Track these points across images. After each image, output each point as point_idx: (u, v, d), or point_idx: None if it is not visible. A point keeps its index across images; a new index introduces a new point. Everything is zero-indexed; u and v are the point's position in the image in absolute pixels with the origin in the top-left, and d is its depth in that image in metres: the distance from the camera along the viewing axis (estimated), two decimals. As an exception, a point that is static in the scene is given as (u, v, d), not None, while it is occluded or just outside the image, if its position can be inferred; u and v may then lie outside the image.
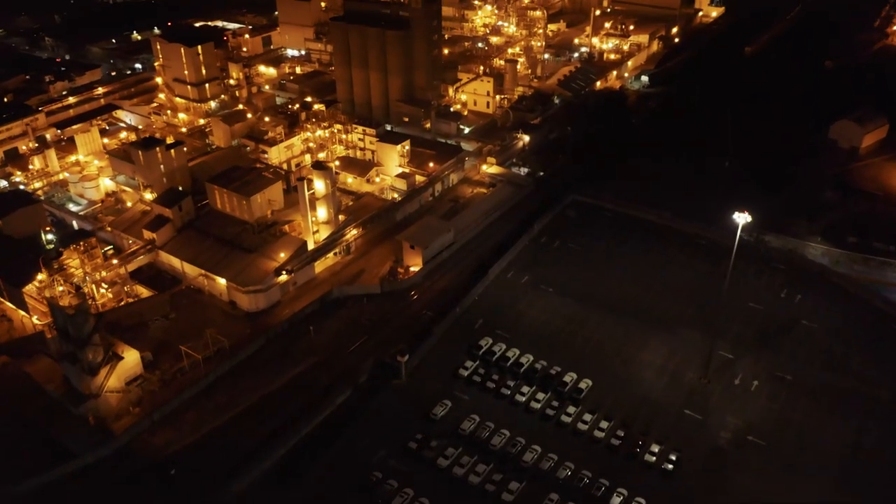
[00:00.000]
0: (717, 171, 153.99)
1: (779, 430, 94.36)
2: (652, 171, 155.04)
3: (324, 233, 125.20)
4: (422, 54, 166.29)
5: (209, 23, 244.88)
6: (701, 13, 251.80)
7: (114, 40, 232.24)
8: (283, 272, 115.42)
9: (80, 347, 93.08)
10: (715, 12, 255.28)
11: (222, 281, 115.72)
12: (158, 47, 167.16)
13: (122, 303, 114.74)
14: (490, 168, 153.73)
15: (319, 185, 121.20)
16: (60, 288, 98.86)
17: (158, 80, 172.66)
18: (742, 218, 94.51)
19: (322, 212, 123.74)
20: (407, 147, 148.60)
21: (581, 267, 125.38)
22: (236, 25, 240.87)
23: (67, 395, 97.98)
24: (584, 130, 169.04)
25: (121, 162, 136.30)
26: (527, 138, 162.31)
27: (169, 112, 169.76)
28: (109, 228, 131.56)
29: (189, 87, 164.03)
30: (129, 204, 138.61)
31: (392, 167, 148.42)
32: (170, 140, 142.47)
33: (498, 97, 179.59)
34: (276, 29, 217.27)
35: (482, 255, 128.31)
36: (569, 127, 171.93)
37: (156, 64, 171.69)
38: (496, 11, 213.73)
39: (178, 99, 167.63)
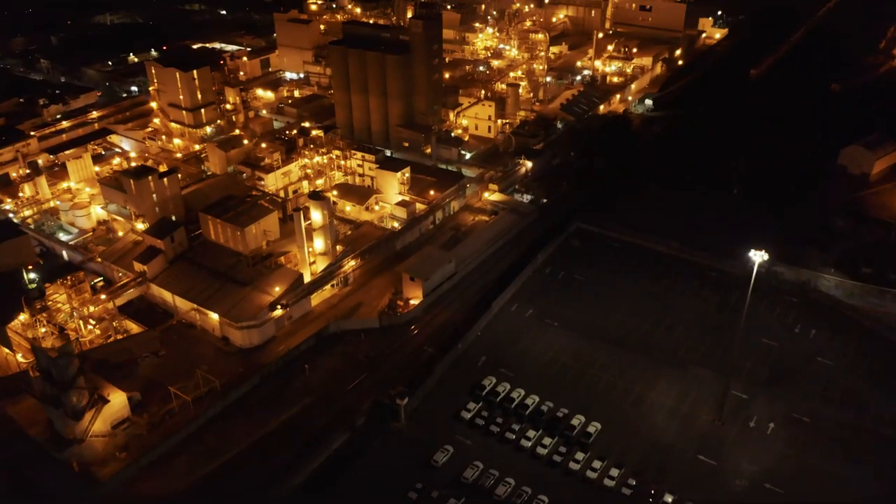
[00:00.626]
0: (725, 198, 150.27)
1: (797, 477, 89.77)
2: (658, 197, 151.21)
3: (321, 264, 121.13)
4: (422, 79, 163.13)
5: (207, 45, 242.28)
6: (704, 34, 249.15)
7: (110, 62, 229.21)
8: (278, 307, 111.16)
9: (63, 391, 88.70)
10: (718, 34, 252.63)
11: (215, 316, 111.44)
12: (153, 71, 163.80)
13: (111, 339, 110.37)
14: (492, 195, 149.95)
15: (316, 216, 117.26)
16: (43, 329, 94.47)
17: (153, 104, 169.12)
18: (758, 256, 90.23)
19: (319, 243, 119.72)
20: (407, 174, 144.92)
21: (587, 299, 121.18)
22: (234, 48, 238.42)
23: (51, 440, 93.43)
24: (587, 156, 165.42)
25: (112, 190, 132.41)
26: (529, 164, 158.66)
27: (164, 137, 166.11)
28: (100, 259, 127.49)
29: (184, 112, 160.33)
30: (120, 233, 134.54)
31: (392, 194, 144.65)
32: (163, 168, 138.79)
33: (500, 121, 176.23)
34: (275, 52, 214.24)
35: (485, 287, 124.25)
36: (572, 152, 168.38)
37: (150, 88, 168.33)
38: (497, 34, 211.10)
39: (173, 124, 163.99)
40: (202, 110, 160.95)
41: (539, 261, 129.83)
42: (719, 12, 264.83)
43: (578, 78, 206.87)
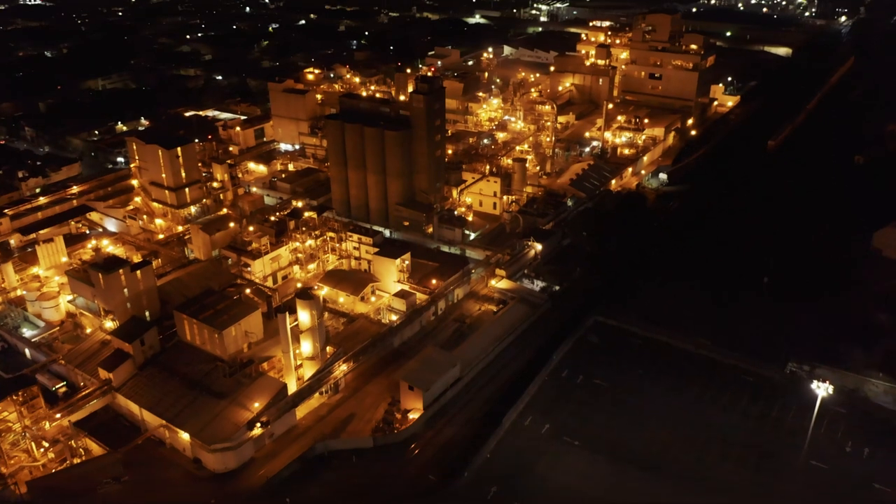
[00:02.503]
0: (754, 286, 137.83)
1: None
2: (679, 284, 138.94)
3: (308, 369, 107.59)
4: (423, 155, 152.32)
5: (200, 113, 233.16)
6: (716, 102, 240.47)
7: (96, 132, 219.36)
8: (258, 425, 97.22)
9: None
10: (730, 101, 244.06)
11: (186, 435, 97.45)
12: (135, 147, 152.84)
13: (67, 463, 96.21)
14: (499, 282, 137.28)
15: (304, 317, 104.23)
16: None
17: (134, 182, 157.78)
18: (822, 389, 76.94)
19: (307, 346, 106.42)
20: (407, 261, 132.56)
21: (610, 410, 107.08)
22: (228, 116, 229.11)
23: None
24: (601, 237, 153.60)
25: (80, 283, 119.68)
26: (539, 247, 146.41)
27: (145, 217, 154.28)
28: (63, 362, 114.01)
29: (167, 191, 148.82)
30: (88, 330, 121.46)
31: (390, 283, 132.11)
32: (136, 258, 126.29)
33: (506, 198, 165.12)
34: (270, 122, 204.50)
35: (494, 394, 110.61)
36: (584, 232, 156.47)
37: (132, 165, 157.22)
38: (502, 105, 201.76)
39: (154, 203, 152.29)
40: (186, 189, 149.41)
41: (554, 362, 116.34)
42: (729, 78, 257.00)
43: (587, 149, 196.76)
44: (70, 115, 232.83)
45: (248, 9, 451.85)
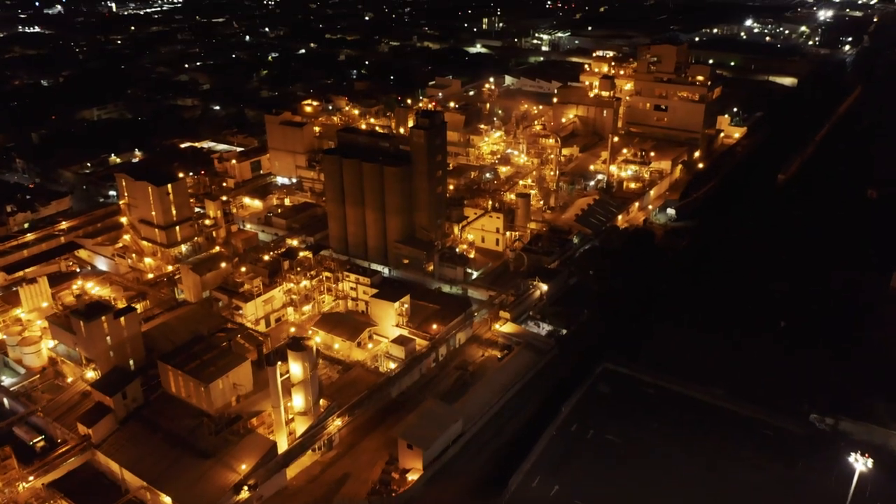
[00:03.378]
0: (771, 332, 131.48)
1: None
2: (692, 327, 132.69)
3: (300, 425, 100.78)
4: (424, 192, 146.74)
5: (196, 144, 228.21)
6: (722, 134, 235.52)
7: (89, 164, 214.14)
8: (245, 488, 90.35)
9: None
10: (737, 133, 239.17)
11: (168, 499, 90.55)
12: (124, 184, 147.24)
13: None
14: (503, 325, 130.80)
15: (296, 369, 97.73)
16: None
17: (123, 219, 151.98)
18: (860, 463, 70.38)
19: (298, 400, 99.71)
20: (406, 305, 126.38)
21: (624, 469, 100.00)
22: (225, 147, 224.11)
23: None
24: (609, 276, 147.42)
25: (60, 330, 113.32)
26: (545, 287, 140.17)
27: (134, 255, 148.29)
28: (41, 414, 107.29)
29: (157, 230, 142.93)
30: (69, 379, 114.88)
31: (388, 327, 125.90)
32: (121, 304, 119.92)
33: (508, 234, 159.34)
34: (266, 154, 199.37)
35: (499, 451, 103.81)
36: (591, 271, 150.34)
37: (121, 202, 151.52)
38: (504, 137, 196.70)
39: (144, 242, 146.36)
40: (176, 228, 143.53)
41: (563, 414, 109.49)
42: (735, 109, 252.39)
43: (592, 183, 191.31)
44: (63, 146, 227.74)
45: (248, 38, 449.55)
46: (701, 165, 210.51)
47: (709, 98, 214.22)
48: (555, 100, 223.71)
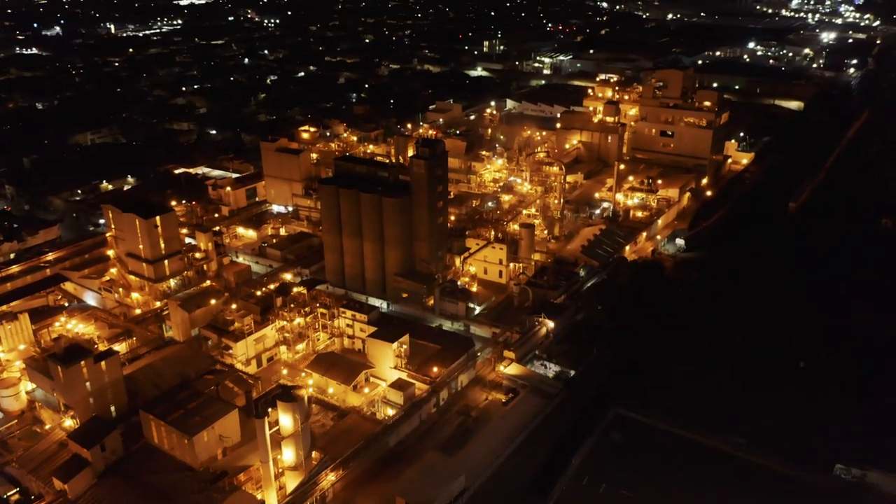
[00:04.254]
0: (790, 372, 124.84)
1: None
2: (705, 367, 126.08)
3: (291, 480, 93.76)
4: (424, 223, 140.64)
5: (190, 170, 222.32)
6: (730, 160, 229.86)
7: (80, 191, 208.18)
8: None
9: None
10: (745, 158, 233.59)
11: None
12: (111, 215, 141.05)
13: None
14: (508, 368, 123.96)
15: (286, 422, 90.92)
16: None
17: (110, 252, 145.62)
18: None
19: (289, 454, 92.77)
20: (405, 345, 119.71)
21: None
22: (220, 173, 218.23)
23: None
24: (618, 311, 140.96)
25: (38, 374, 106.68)
26: (551, 324, 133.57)
27: (121, 290, 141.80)
28: (16, 465, 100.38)
29: (144, 264, 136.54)
30: (47, 426, 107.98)
31: (385, 368, 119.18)
32: (102, 347, 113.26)
33: (512, 265, 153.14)
34: (262, 181, 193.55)
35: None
36: (599, 306, 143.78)
37: (107, 235, 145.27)
38: (507, 165, 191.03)
39: (131, 276, 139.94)
40: (165, 262, 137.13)
41: (573, 467, 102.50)
42: (742, 133, 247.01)
43: (597, 211, 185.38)
44: (55, 172, 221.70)
45: (247, 60, 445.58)
46: (709, 193, 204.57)
47: (716, 124, 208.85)
48: (558, 125, 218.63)
